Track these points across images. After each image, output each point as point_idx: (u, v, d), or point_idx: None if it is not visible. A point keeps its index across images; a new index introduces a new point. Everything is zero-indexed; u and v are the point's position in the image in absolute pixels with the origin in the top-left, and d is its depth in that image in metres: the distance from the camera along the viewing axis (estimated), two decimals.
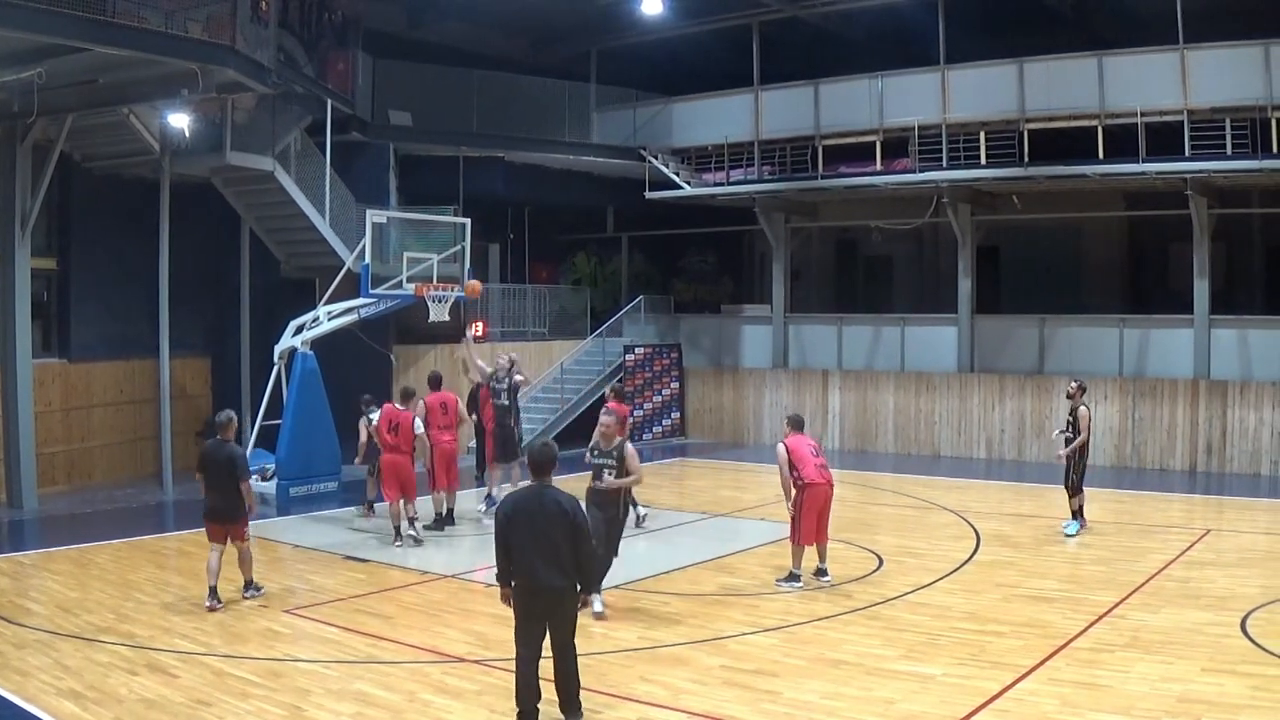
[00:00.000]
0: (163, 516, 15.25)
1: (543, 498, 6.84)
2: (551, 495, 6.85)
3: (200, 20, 14.23)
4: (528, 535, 6.75)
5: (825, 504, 10.60)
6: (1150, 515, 14.48)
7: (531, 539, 6.73)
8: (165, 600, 10.23)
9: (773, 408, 22.55)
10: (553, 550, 6.71)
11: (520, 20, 22.76)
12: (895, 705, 7.35)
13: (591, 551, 7.03)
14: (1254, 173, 16.95)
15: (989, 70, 19.20)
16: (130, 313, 17.77)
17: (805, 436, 10.96)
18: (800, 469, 10.52)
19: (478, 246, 19.78)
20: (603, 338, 23.10)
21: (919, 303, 24.02)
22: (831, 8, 21.02)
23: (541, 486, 6.92)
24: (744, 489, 16.91)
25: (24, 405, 15.14)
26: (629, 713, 7.29)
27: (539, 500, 6.84)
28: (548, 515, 6.76)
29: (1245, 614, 9.26)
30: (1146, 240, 22.20)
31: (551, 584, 6.73)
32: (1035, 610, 9.60)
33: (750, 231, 25.49)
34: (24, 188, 14.93)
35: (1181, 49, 17.17)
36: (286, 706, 7.39)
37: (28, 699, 7.48)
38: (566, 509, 6.80)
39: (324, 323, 16.54)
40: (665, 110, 23.05)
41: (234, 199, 18.60)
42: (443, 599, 10.41)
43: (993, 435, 20.10)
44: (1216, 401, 17.98)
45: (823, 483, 10.53)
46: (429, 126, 21.24)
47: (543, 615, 6.83)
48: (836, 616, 9.59)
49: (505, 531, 6.85)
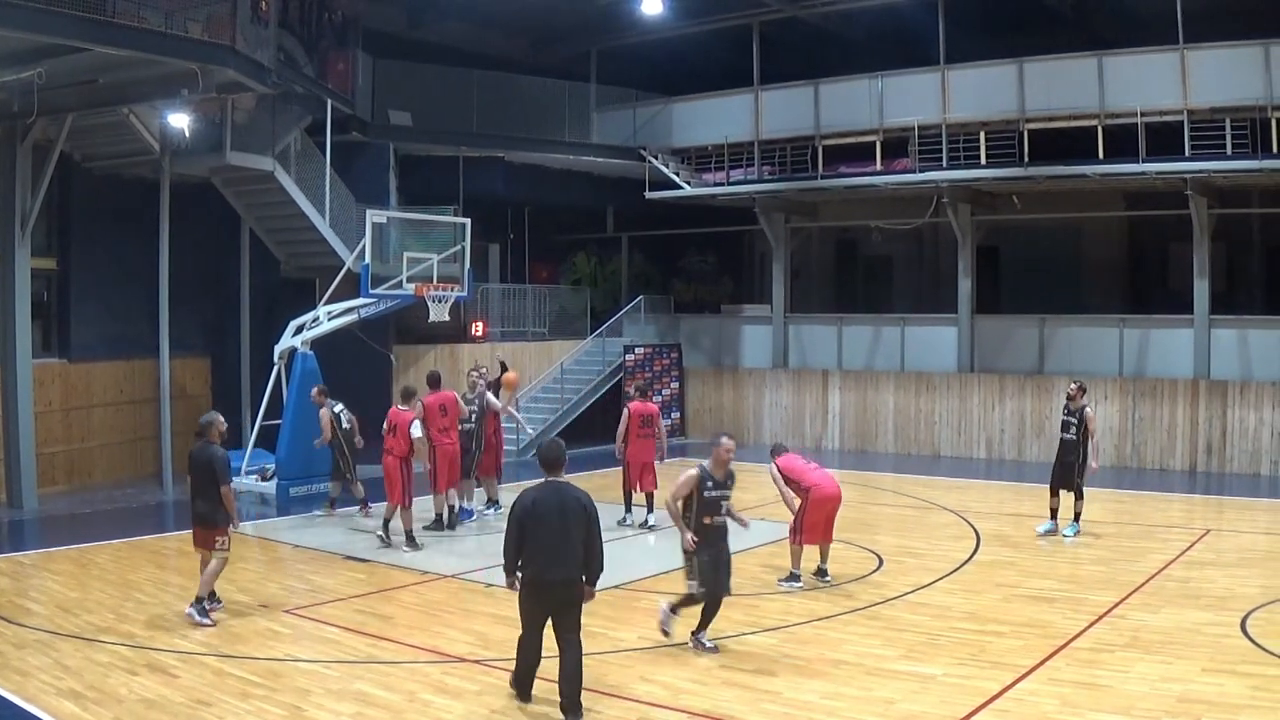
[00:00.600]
0: (163, 516, 15.23)
1: (562, 494, 7.11)
2: (570, 492, 7.14)
3: (200, 20, 14.21)
4: (545, 529, 7.00)
5: (833, 512, 10.63)
6: (1150, 515, 14.48)
7: (548, 533, 6.99)
8: (165, 600, 10.23)
9: (773, 408, 22.56)
10: (569, 545, 7.00)
11: (520, 20, 22.77)
12: (895, 705, 7.35)
13: (602, 547, 7.22)
14: (1254, 173, 16.95)
15: (989, 70, 19.21)
16: (130, 313, 17.77)
17: (793, 454, 11.01)
18: (801, 478, 10.56)
19: (478, 246, 19.78)
20: (603, 338, 23.11)
21: (919, 303, 24.02)
22: (831, 8, 21.02)
23: (558, 483, 7.18)
24: (744, 489, 16.73)
25: (24, 405, 15.14)
26: (629, 713, 7.29)
27: (559, 496, 7.10)
28: (567, 510, 7.04)
29: (1245, 614, 9.26)
30: (1146, 240, 22.20)
31: (561, 578, 7.02)
32: (1035, 610, 9.60)
33: (750, 231, 25.49)
34: (24, 188, 14.93)
35: (1181, 49, 17.17)
36: (286, 706, 7.39)
37: (28, 699, 7.48)
38: (585, 504, 7.11)
39: (324, 323, 16.54)
40: (665, 110, 23.05)
41: (234, 199, 18.60)
42: (443, 599, 10.41)
43: (993, 435, 20.10)
44: (1216, 401, 17.98)
45: (833, 492, 10.57)
46: (429, 126, 21.25)
47: (549, 608, 7.09)
48: (836, 616, 9.59)
49: (523, 524, 7.04)
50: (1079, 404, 12.72)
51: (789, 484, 10.61)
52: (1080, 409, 12.70)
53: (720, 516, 8.45)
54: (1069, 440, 12.77)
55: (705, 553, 8.31)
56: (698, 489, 8.37)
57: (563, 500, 7.07)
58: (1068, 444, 12.79)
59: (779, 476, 10.68)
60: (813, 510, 10.44)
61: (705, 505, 8.38)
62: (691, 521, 8.38)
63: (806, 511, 10.46)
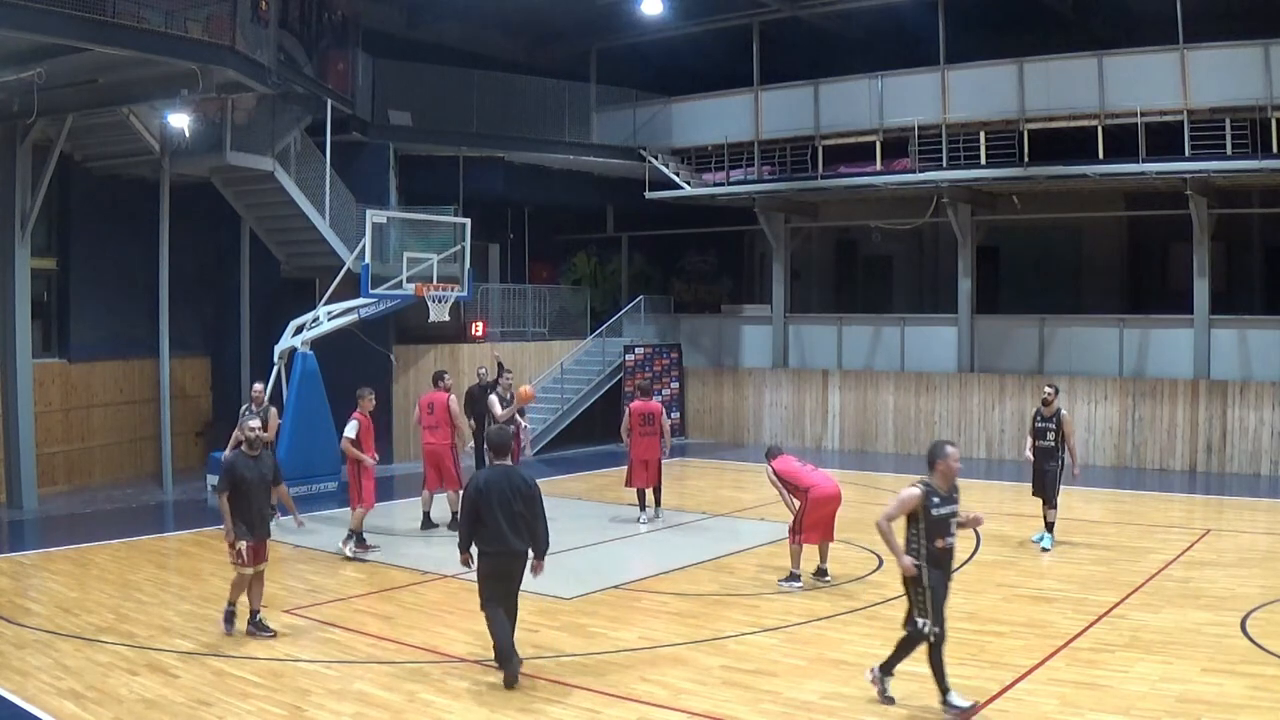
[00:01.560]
0: (163, 516, 15.25)
1: (510, 476, 7.99)
2: (517, 474, 8.09)
3: (200, 20, 14.21)
4: (499, 507, 7.81)
5: (832, 512, 10.63)
6: (1150, 515, 14.48)
7: (503, 510, 7.81)
8: (165, 600, 10.23)
9: (773, 408, 22.56)
10: (519, 520, 7.87)
11: (520, 20, 22.76)
12: (895, 705, 7.35)
13: (546, 524, 8.04)
14: (1254, 173, 16.95)
15: (989, 70, 19.20)
16: (130, 313, 17.78)
17: (788, 456, 11.00)
18: (798, 480, 10.56)
19: (478, 246, 19.81)
20: (603, 338, 23.11)
21: (919, 303, 24.03)
22: (831, 8, 21.02)
23: (506, 467, 8.11)
24: (744, 489, 16.89)
25: (24, 405, 15.14)
26: (629, 713, 7.29)
27: (507, 478, 7.96)
28: (515, 491, 7.89)
29: (1245, 614, 9.26)
30: (1146, 240, 22.20)
31: (518, 548, 7.89)
32: (1035, 610, 9.60)
33: (750, 231, 25.49)
34: (24, 188, 14.93)
35: (1181, 49, 17.17)
36: (286, 706, 7.39)
37: (28, 699, 7.48)
38: (531, 485, 8.05)
39: (324, 323, 16.55)
40: (665, 110, 23.04)
41: (234, 199, 18.60)
42: (443, 599, 10.41)
43: (993, 435, 20.10)
44: (1216, 401, 17.98)
45: (832, 492, 10.56)
46: (429, 126, 21.24)
47: (510, 574, 7.96)
48: (836, 616, 9.59)
49: (477, 503, 7.85)
50: (1055, 408, 12.17)
51: (787, 486, 10.63)
52: (1057, 413, 12.14)
53: (952, 537, 7.24)
54: (1047, 447, 12.10)
55: (937, 582, 7.14)
56: (923, 508, 7.12)
57: (510, 482, 7.91)
58: (1046, 451, 12.11)
59: (775, 479, 10.70)
60: (812, 510, 10.44)
61: (934, 526, 7.12)
62: (920, 548, 7.13)
63: (806, 511, 10.46)
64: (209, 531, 13.80)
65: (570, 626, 9.32)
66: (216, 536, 13.41)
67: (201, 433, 19.78)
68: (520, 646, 7.96)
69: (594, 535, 13.10)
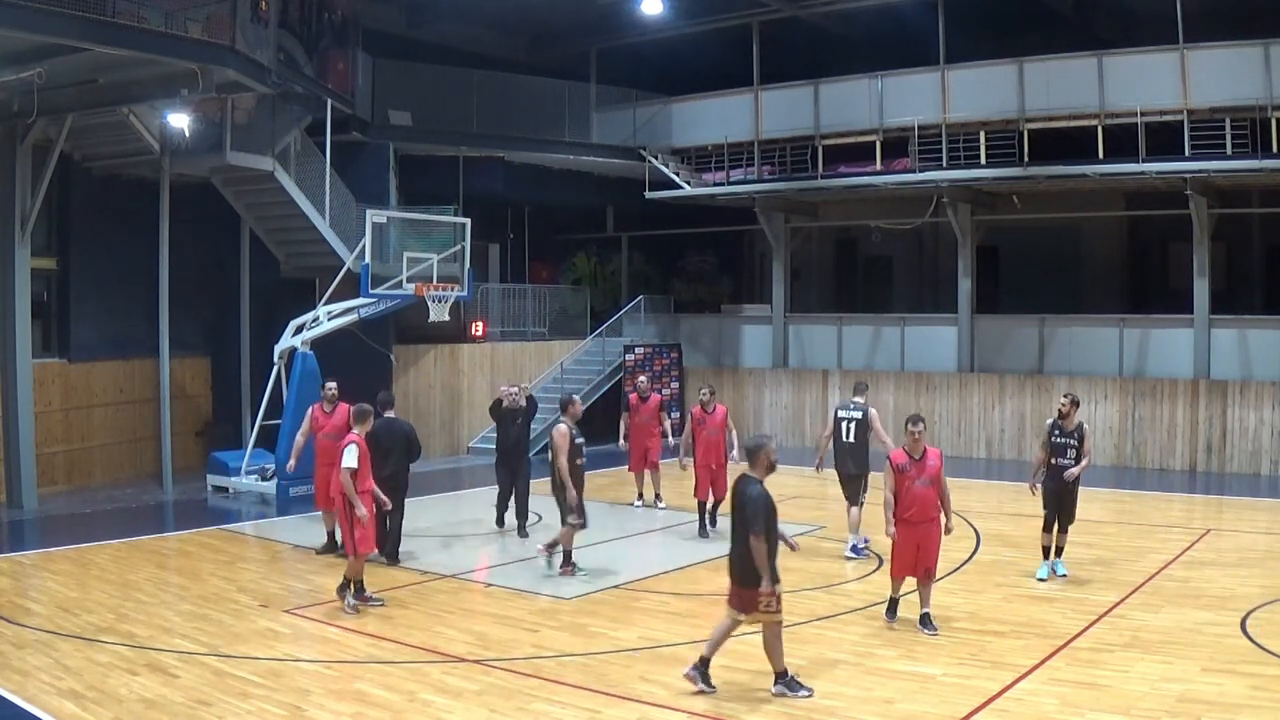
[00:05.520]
0: (163, 516, 15.24)
1: (391, 425, 11.23)
2: (399, 422, 11.57)
3: (200, 20, 14.20)
4: (386, 448, 10.95)
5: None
6: (1150, 515, 14.48)
7: (389, 449, 11.08)
8: (165, 600, 10.23)
9: (773, 408, 22.56)
10: (399, 455, 11.26)
11: (519, 20, 22.76)
12: (895, 705, 7.35)
13: (419, 447, 11.86)
14: (1254, 173, 16.95)
15: (989, 70, 19.20)
16: (130, 313, 17.77)
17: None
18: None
19: (478, 246, 19.78)
20: (603, 338, 23.11)
21: (919, 303, 24.02)
22: (831, 8, 21.01)
23: (391, 418, 11.32)
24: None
25: (24, 405, 15.14)
26: (629, 713, 7.29)
27: (389, 426, 11.29)
28: (396, 432, 11.38)
29: (1245, 614, 9.26)
30: (1146, 240, 22.20)
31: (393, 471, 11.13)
32: (1035, 610, 9.60)
33: (750, 231, 25.49)
34: (24, 188, 14.92)
35: (1181, 49, 17.16)
36: (286, 706, 7.39)
37: (28, 699, 7.48)
38: (408, 430, 11.67)
39: (324, 323, 16.53)
40: (665, 110, 23.04)
41: (234, 199, 18.59)
42: (443, 599, 10.41)
43: (993, 435, 20.10)
44: (1216, 401, 17.98)
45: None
46: (429, 126, 21.23)
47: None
48: (836, 616, 9.59)
49: (378, 442, 10.68)
50: (1076, 421, 10.63)
51: None
52: (1079, 426, 10.62)
53: None
54: (1067, 465, 10.52)
55: None
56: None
57: (391, 427, 11.23)
58: (1066, 469, 10.54)
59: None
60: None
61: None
62: None
63: None
64: (209, 531, 13.83)
65: (570, 626, 9.30)
66: (217, 536, 13.48)
67: (201, 432, 19.77)
68: (520, 646, 7.96)
69: (594, 535, 13.06)
